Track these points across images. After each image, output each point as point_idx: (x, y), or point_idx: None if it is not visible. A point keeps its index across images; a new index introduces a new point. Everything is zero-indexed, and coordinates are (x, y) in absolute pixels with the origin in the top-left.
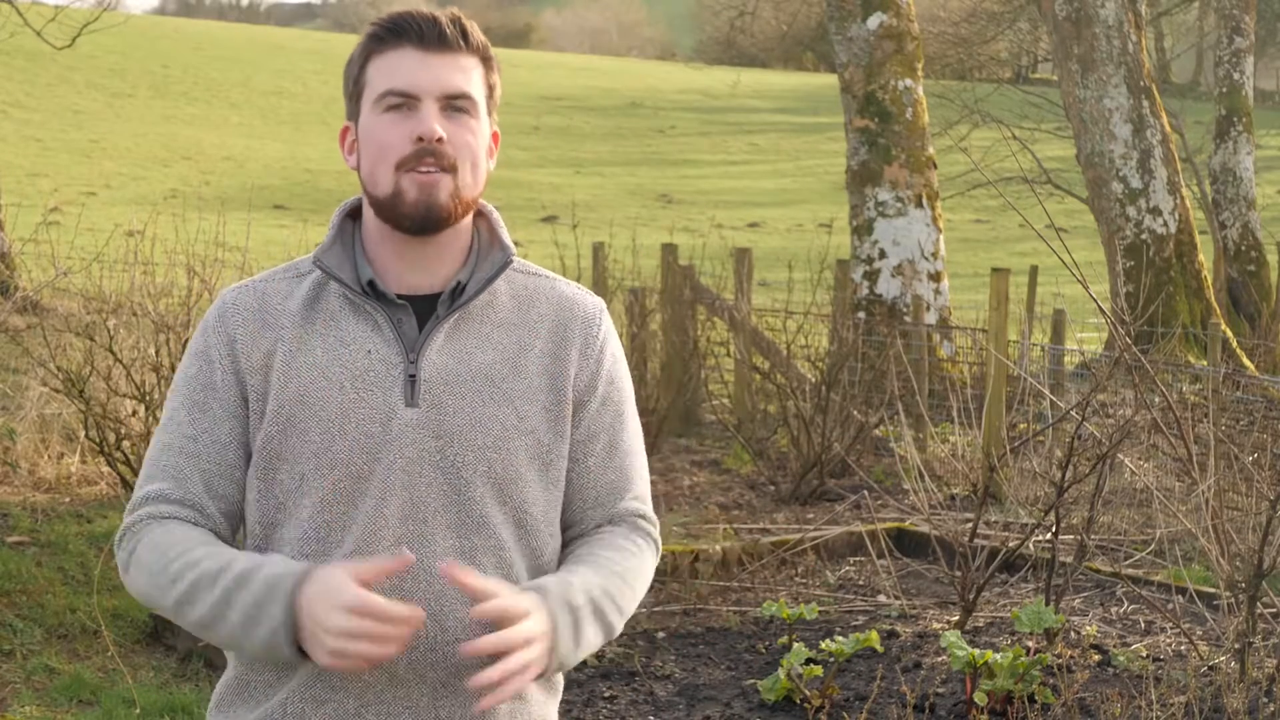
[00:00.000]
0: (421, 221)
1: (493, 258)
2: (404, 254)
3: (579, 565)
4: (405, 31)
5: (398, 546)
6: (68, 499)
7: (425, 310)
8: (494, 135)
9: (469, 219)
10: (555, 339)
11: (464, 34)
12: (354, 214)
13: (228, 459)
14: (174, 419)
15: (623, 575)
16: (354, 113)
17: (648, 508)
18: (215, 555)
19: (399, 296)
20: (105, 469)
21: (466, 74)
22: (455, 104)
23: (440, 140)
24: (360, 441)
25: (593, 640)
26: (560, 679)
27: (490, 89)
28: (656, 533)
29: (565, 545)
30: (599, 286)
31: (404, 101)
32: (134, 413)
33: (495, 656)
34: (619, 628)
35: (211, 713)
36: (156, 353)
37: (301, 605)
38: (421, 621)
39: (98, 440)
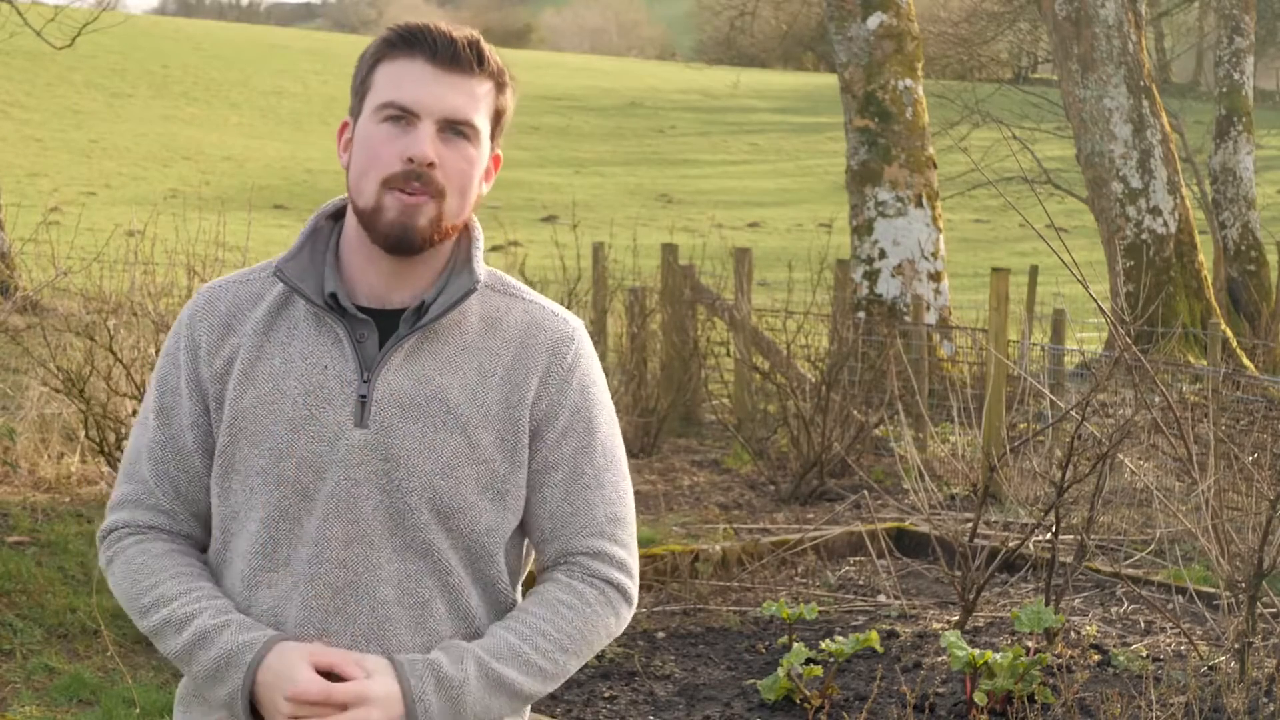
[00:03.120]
0: (396, 242)
1: (461, 280)
2: (378, 266)
3: (500, 626)
4: (420, 43)
5: (343, 569)
6: (68, 499)
7: (390, 326)
8: (495, 158)
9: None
10: (517, 365)
11: (479, 57)
12: (336, 214)
13: (193, 466)
14: (146, 421)
15: (551, 634)
16: (356, 110)
17: (614, 546)
18: (185, 597)
19: (368, 309)
20: (105, 469)
21: (474, 98)
22: (455, 127)
23: (431, 165)
24: (308, 459)
25: (493, 706)
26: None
27: (499, 113)
28: (621, 575)
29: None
30: (599, 286)
31: (403, 116)
32: (134, 412)
33: None
34: (543, 689)
35: (175, 710)
36: (156, 352)
37: (259, 681)
38: (356, 699)
39: (98, 440)
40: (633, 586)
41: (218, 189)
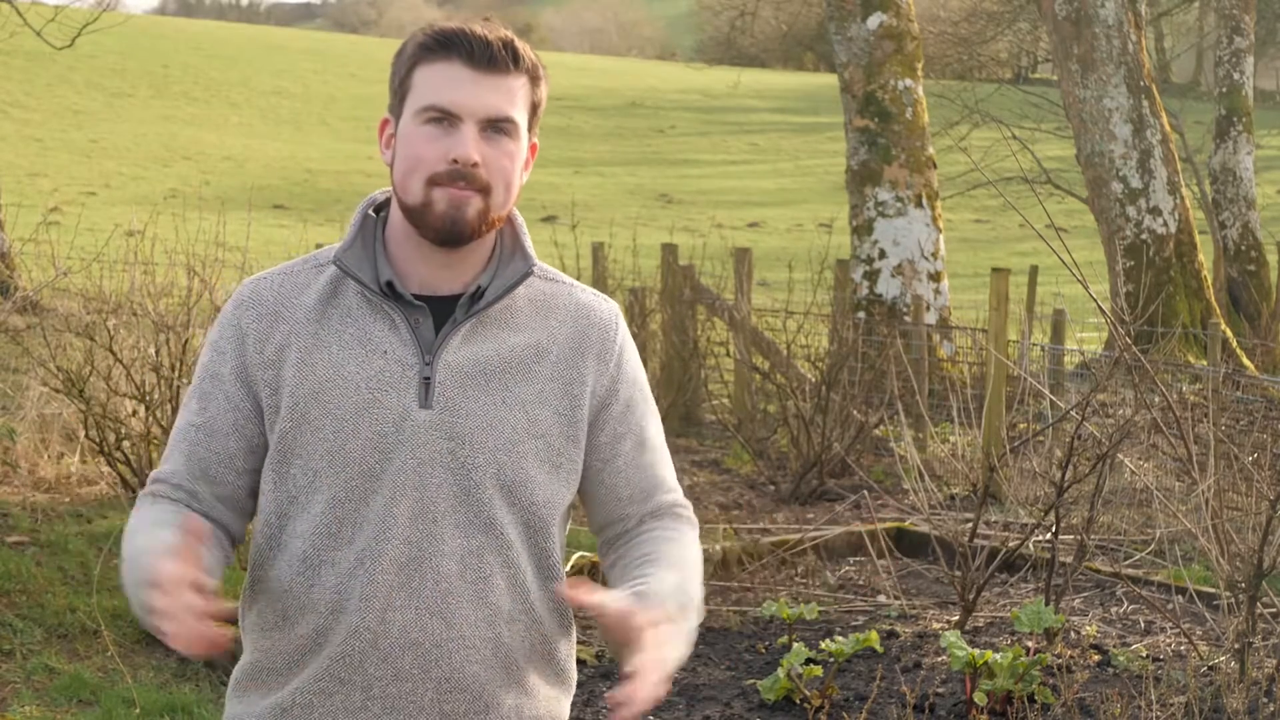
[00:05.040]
0: (446, 235)
1: (514, 265)
2: (427, 256)
3: (657, 568)
4: (456, 47)
5: (407, 545)
6: (67, 499)
7: (443, 311)
8: (532, 147)
9: None
10: (572, 346)
11: (515, 56)
12: (378, 206)
13: (228, 448)
14: (187, 406)
15: (689, 565)
16: (396, 110)
17: (680, 494)
18: (148, 535)
19: (419, 297)
20: (105, 469)
21: (511, 96)
22: (496, 125)
23: (475, 165)
24: (373, 441)
25: (687, 635)
26: (573, 673)
27: (535, 105)
28: (692, 514)
29: (610, 542)
30: (599, 286)
31: (445, 118)
32: (134, 413)
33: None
34: (696, 618)
35: (229, 697)
36: (156, 353)
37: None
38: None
39: (98, 440)
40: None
41: (218, 189)
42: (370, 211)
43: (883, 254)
